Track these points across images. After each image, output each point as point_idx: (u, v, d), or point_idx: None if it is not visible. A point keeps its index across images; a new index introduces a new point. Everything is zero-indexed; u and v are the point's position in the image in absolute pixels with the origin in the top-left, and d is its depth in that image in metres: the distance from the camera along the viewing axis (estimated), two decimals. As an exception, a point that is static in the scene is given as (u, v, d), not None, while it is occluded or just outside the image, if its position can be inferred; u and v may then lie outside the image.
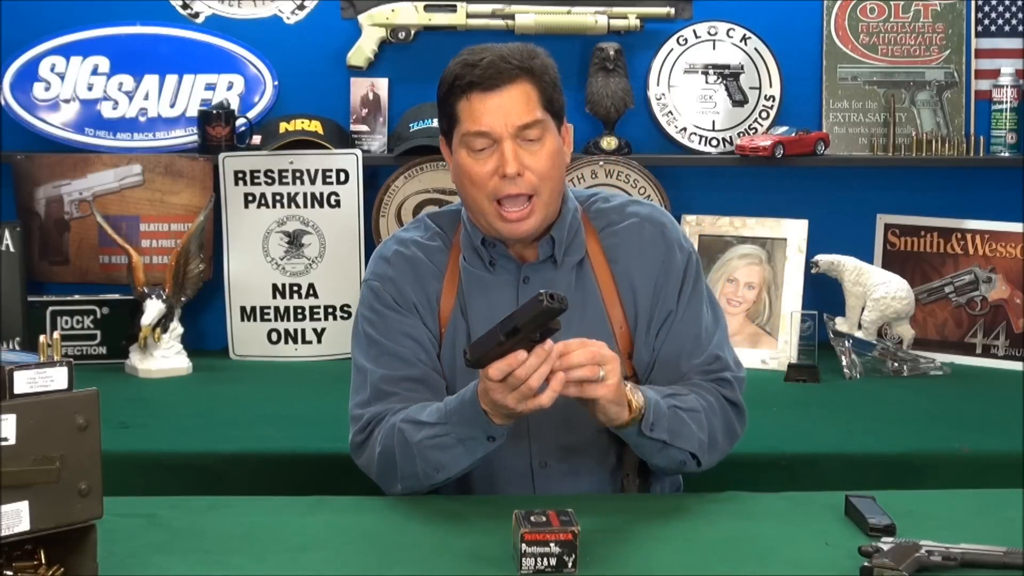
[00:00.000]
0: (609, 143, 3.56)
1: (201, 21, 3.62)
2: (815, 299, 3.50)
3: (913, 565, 1.68)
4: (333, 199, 3.51)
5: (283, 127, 3.49)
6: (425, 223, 2.19)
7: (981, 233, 3.55)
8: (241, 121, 3.54)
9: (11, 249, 3.37)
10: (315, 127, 3.49)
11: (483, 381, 1.85)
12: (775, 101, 3.65)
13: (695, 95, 3.65)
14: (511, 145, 2.01)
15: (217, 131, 3.48)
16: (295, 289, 3.53)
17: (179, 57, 3.57)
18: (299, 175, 3.50)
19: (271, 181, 3.50)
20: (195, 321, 3.54)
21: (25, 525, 1.55)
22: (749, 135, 3.60)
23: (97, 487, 1.61)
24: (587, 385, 1.85)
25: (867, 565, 1.68)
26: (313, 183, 3.50)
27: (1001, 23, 3.68)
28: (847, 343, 3.36)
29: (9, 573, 1.60)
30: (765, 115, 3.64)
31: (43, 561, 1.62)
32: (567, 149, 2.12)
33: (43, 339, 1.61)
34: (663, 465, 2.06)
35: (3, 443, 1.53)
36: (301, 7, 3.63)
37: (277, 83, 3.59)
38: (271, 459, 2.59)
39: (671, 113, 3.65)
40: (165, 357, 3.31)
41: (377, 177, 3.59)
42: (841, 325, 3.44)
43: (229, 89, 3.58)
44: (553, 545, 1.68)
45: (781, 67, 3.64)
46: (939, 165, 3.64)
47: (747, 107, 3.65)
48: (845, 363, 3.33)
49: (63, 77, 3.55)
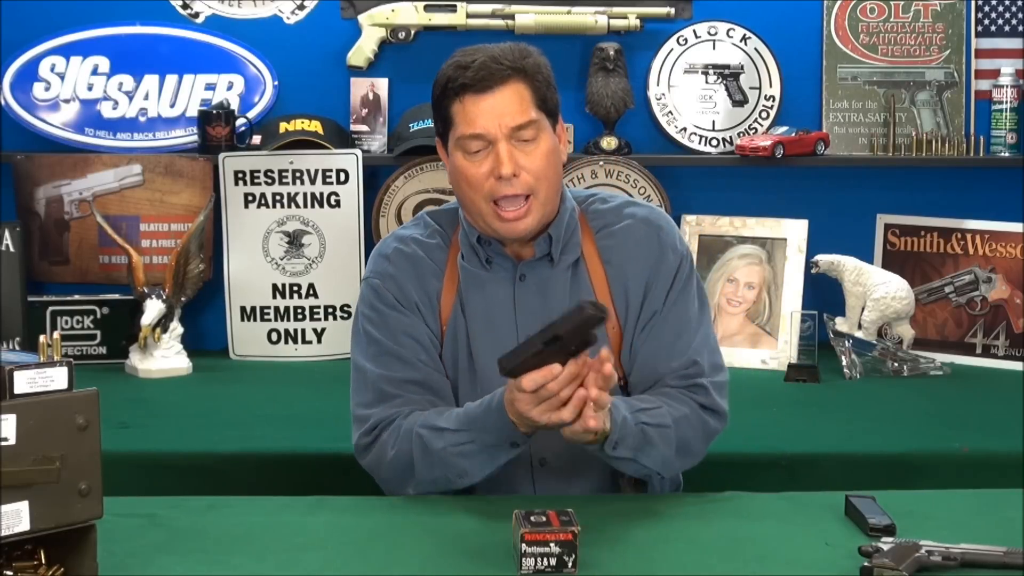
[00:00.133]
0: (609, 143, 3.56)
1: (201, 21, 3.62)
2: (815, 299, 3.50)
3: (913, 565, 1.68)
4: (333, 199, 3.50)
5: (283, 127, 3.49)
6: (424, 221, 2.19)
7: (981, 233, 3.55)
8: (241, 121, 3.53)
9: (11, 249, 3.37)
10: (315, 127, 3.49)
11: (511, 391, 1.85)
12: (775, 101, 3.64)
13: (695, 95, 3.65)
14: (506, 146, 2.01)
15: (217, 131, 3.48)
16: (295, 289, 3.53)
17: (179, 57, 3.57)
18: (299, 175, 3.50)
19: (271, 181, 3.50)
20: (195, 321, 3.54)
21: (25, 525, 1.55)
22: (749, 135, 3.60)
23: (97, 487, 1.61)
24: (587, 412, 1.83)
25: (867, 565, 1.68)
26: (313, 183, 3.50)
27: (1001, 23, 3.68)
28: (847, 343, 3.35)
29: (9, 573, 1.60)
30: (765, 115, 3.64)
31: (43, 561, 1.62)
32: (563, 147, 2.11)
33: (43, 339, 1.60)
34: (630, 473, 2.07)
35: (3, 443, 1.52)
36: (301, 7, 3.63)
37: (277, 83, 3.59)
38: (271, 459, 2.59)
39: (671, 113, 3.64)
40: (165, 357, 3.31)
41: (377, 177, 3.59)
42: (841, 325, 3.44)
43: (229, 89, 3.58)
44: (553, 545, 1.68)
45: (781, 67, 3.64)
46: (939, 165, 3.64)
47: (747, 107, 3.65)
48: (845, 363, 3.32)
49: (63, 77, 3.54)
